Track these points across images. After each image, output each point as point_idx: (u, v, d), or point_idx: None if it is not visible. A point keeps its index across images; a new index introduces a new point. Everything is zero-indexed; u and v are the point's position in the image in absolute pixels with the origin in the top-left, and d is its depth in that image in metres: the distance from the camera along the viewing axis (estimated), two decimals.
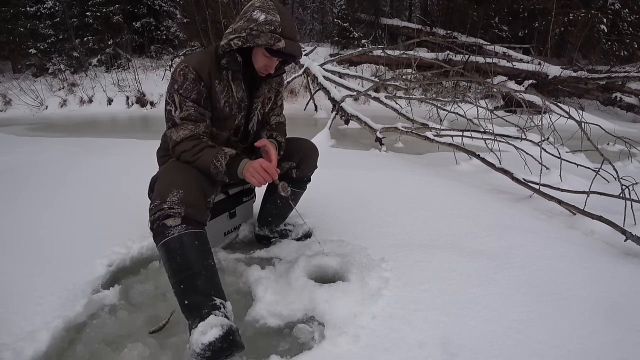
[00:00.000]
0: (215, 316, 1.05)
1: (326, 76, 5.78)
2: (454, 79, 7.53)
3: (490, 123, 3.65)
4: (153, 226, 1.17)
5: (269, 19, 1.23)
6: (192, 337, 1.03)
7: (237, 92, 1.37)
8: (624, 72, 7.60)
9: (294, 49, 1.27)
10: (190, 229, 1.16)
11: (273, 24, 1.23)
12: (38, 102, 9.37)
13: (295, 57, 1.33)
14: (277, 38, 1.23)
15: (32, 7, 11.71)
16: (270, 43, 1.23)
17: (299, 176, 1.59)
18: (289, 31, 1.26)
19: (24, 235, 1.74)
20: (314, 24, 15.47)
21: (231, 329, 1.03)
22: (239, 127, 1.46)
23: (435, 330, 1.14)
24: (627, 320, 1.19)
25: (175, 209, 1.15)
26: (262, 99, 1.47)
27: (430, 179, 2.60)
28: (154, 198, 1.19)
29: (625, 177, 2.08)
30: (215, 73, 1.32)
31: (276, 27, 1.23)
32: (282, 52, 1.25)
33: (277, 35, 1.23)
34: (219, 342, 0.99)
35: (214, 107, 1.36)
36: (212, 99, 1.34)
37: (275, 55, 1.29)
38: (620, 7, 10.12)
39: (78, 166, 3.00)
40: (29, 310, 1.22)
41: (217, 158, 1.25)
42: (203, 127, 1.31)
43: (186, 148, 1.27)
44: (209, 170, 1.26)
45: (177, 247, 1.13)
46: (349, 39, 10.35)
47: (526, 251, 1.60)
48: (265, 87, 1.46)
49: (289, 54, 1.27)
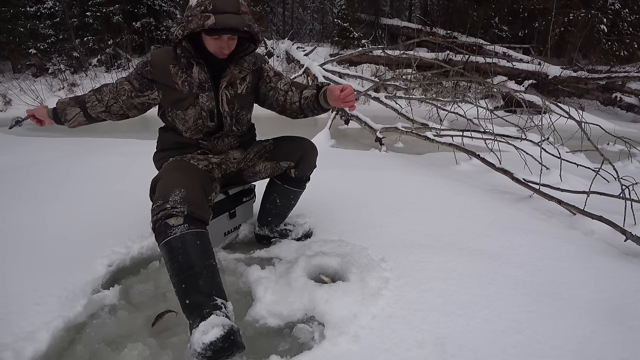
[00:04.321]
0: (216, 316, 1.05)
1: (326, 76, 5.78)
2: (454, 79, 7.52)
3: (490, 123, 3.65)
4: (155, 226, 1.17)
5: (200, 0, 1.23)
6: (193, 336, 1.03)
7: (198, 74, 1.38)
8: (624, 72, 7.59)
9: (228, 21, 1.22)
10: (193, 228, 1.16)
11: (203, 3, 1.22)
12: (38, 102, 9.34)
13: (236, 30, 1.26)
14: (206, 16, 1.21)
15: (32, 7, 11.68)
16: (200, 24, 1.21)
17: (297, 176, 1.59)
18: (221, 5, 1.22)
19: (24, 235, 1.74)
20: (314, 24, 15.47)
21: (232, 329, 1.03)
22: (211, 110, 1.43)
23: (435, 330, 1.14)
24: (627, 320, 1.19)
25: (178, 208, 1.15)
26: (228, 79, 1.42)
27: (431, 179, 2.60)
28: (156, 198, 1.19)
29: (625, 177, 2.08)
30: (171, 60, 1.39)
31: (206, 6, 1.22)
32: (216, 29, 1.22)
33: (207, 14, 1.21)
34: (220, 342, 0.99)
35: (171, 88, 1.40)
36: (168, 80, 1.40)
37: (212, 34, 1.27)
38: (620, 7, 10.12)
39: (78, 166, 3.00)
40: (29, 310, 1.22)
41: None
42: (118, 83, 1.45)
43: (98, 87, 1.48)
44: None
45: (179, 247, 1.13)
46: (349, 39, 10.34)
47: (526, 251, 1.60)
48: (235, 68, 1.43)
49: (223, 27, 1.22)
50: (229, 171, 1.57)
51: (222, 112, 1.45)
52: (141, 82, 1.43)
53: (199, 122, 1.44)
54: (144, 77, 1.42)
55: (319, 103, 1.42)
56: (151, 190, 1.29)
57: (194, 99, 1.41)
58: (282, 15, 14.68)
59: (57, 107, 1.48)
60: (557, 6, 8.73)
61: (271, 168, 1.59)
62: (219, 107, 1.44)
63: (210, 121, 1.45)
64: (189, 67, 1.38)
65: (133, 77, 1.44)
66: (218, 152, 1.52)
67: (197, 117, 1.43)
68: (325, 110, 1.44)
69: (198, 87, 1.40)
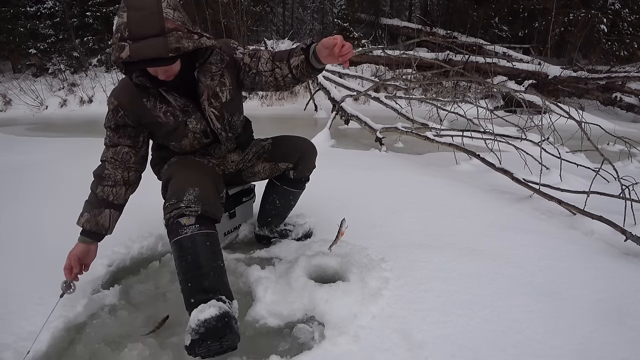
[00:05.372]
0: (217, 301, 1.08)
1: (326, 76, 5.78)
2: (454, 79, 7.52)
3: (490, 123, 3.65)
4: (168, 223, 1.18)
5: (118, 24, 1.02)
6: (191, 316, 1.06)
7: (175, 101, 1.25)
8: (624, 72, 7.59)
9: (145, 52, 1.01)
10: (203, 229, 1.17)
11: (119, 29, 1.02)
12: (38, 102, 9.35)
13: (159, 59, 1.04)
14: (121, 47, 1.01)
15: (32, 7, 11.68)
16: (117, 56, 1.03)
17: (296, 177, 1.58)
18: (136, 28, 1.00)
19: (24, 235, 1.74)
20: (314, 24, 15.46)
21: (228, 313, 1.06)
22: (204, 130, 1.35)
23: (435, 330, 1.14)
24: (627, 320, 1.19)
25: (192, 208, 1.16)
26: (207, 93, 1.28)
27: (431, 179, 2.60)
28: (170, 197, 1.20)
29: (625, 177, 2.08)
30: (139, 93, 1.24)
31: (122, 32, 1.01)
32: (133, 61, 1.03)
33: (122, 43, 1.01)
34: (214, 320, 1.02)
35: (156, 124, 1.29)
36: (148, 117, 1.27)
37: (134, 69, 1.10)
38: (620, 7, 10.11)
39: (78, 166, 3.00)
40: (30, 310, 1.22)
41: (83, 209, 1.31)
42: (112, 152, 1.31)
43: (95, 173, 1.34)
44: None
45: (188, 246, 1.14)
46: (349, 39, 10.32)
47: (526, 251, 1.60)
48: (206, 78, 1.26)
49: (142, 59, 1.02)
50: (227, 172, 1.57)
51: (215, 130, 1.37)
52: (127, 132, 1.29)
53: (194, 143, 1.38)
54: (126, 126, 1.28)
55: (312, 66, 1.23)
56: (163, 188, 1.30)
57: (184, 128, 1.31)
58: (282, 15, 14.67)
59: (88, 228, 1.27)
60: (557, 6, 8.73)
61: (270, 169, 1.59)
62: (210, 126, 1.35)
63: (206, 139, 1.39)
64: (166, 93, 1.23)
65: (118, 136, 1.29)
66: (216, 157, 1.52)
67: (193, 140, 1.37)
68: (320, 70, 1.26)
69: (182, 113, 1.28)
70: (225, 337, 1.02)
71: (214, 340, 1.01)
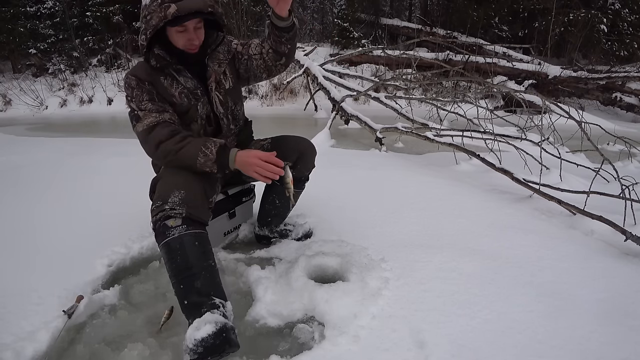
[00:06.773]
0: (211, 314, 1.06)
1: (326, 76, 5.78)
2: (454, 79, 7.52)
3: (490, 123, 3.65)
4: (155, 226, 1.17)
5: None
6: (187, 333, 1.04)
7: (185, 83, 1.33)
8: (624, 72, 7.58)
9: (190, 5, 1.16)
10: (191, 229, 1.16)
11: None
12: (38, 102, 9.36)
13: (201, 12, 1.19)
14: (166, 7, 1.14)
15: (32, 7, 11.69)
16: (162, 16, 1.14)
17: (295, 177, 1.58)
18: None
19: (24, 235, 1.74)
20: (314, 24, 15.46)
21: (225, 326, 1.04)
22: (208, 115, 1.40)
23: (435, 330, 1.14)
24: (627, 320, 1.19)
25: (176, 210, 1.15)
26: (214, 78, 1.37)
27: (431, 179, 2.60)
28: (156, 199, 1.19)
29: (625, 177, 2.08)
30: (156, 73, 1.30)
31: None
32: (180, 16, 1.15)
33: (166, 4, 1.15)
34: (211, 338, 1.00)
35: (171, 103, 1.32)
36: (165, 94, 1.31)
37: (177, 23, 1.18)
38: (620, 7, 10.10)
39: (78, 166, 3.00)
40: (29, 310, 1.22)
41: (206, 146, 1.20)
42: (168, 115, 1.28)
43: (162, 137, 1.22)
44: (195, 159, 1.19)
45: (177, 248, 1.13)
46: (349, 39, 10.33)
47: (526, 251, 1.60)
48: (214, 64, 1.38)
49: (189, 13, 1.16)
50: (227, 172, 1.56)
51: (218, 114, 1.41)
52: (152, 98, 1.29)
53: (201, 131, 1.41)
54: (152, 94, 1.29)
55: (276, 26, 1.29)
56: (151, 190, 1.29)
57: (195, 111, 1.36)
58: None
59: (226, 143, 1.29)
60: (557, 6, 8.72)
61: None
62: (214, 110, 1.40)
63: (209, 126, 1.42)
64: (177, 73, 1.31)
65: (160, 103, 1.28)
66: None
67: (199, 127, 1.39)
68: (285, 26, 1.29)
69: (193, 96, 1.34)
70: (225, 351, 1.02)
71: (214, 357, 1.01)
